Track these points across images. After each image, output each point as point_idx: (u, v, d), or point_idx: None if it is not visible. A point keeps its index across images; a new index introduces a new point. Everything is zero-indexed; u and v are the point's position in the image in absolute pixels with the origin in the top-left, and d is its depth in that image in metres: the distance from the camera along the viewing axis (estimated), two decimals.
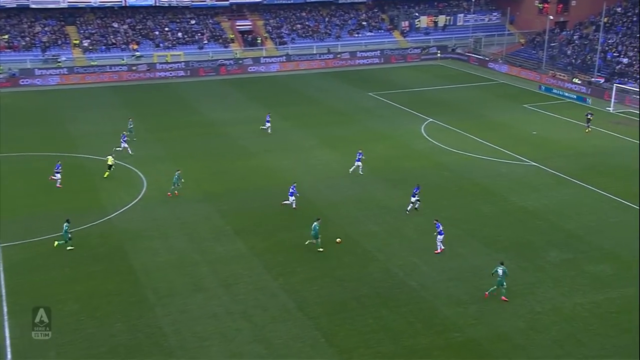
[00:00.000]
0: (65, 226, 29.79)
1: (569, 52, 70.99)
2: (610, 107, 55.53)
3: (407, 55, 78.89)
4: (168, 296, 26.28)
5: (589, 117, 49.71)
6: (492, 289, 26.23)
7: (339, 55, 76.81)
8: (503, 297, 25.98)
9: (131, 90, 63.97)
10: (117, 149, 42.62)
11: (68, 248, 29.86)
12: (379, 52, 78.22)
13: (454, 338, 23.82)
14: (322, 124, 50.99)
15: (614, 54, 66.41)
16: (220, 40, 77.07)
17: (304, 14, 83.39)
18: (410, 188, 36.87)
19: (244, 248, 30.58)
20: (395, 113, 54.98)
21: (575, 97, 59.95)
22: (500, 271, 26.03)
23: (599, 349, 23.07)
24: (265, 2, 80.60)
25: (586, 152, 44.45)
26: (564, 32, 76.08)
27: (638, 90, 57.19)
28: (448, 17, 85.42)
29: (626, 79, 61.15)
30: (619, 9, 75.34)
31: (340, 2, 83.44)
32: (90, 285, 27.06)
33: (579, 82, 63.19)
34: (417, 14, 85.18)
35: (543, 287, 26.95)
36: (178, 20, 78.27)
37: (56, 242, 30.09)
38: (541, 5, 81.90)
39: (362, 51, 78.05)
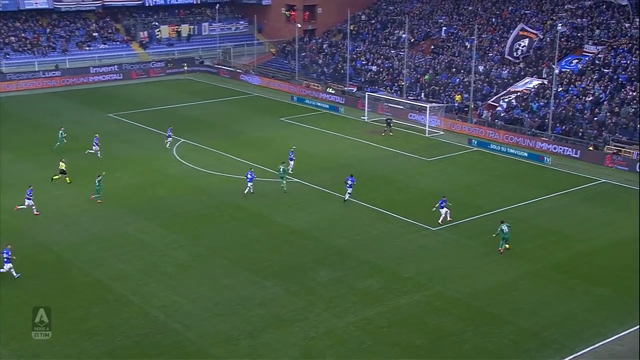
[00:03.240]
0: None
1: (320, 61, 76.33)
2: (364, 116, 60.77)
3: (149, 69, 78.19)
4: None
5: (388, 121, 55.06)
6: (503, 245, 32.92)
7: (68, 72, 73.49)
8: (506, 246, 33.04)
9: None
10: (89, 151, 47.47)
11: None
12: (116, 66, 76.54)
13: None
14: (56, 153, 48.24)
15: (363, 62, 72.97)
16: None
17: (18, 24, 78.04)
18: (165, 218, 36.51)
19: None
20: (142, 135, 54.06)
21: (328, 106, 64.60)
22: (505, 228, 32.80)
23: None
24: None
25: (345, 163, 47.99)
26: (314, 41, 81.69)
27: (389, 98, 63.47)
28: (192, 27, 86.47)
29: (377, 87, 67.50)
30: (363, 17, 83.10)
31: (63, 10, 79.72)
32: None
33: (333, 91, 68.21)
34: (156, 23, 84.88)
35: (315, 310, 28.41)
36: None
37: None
38: (288, 12, 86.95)
39: (96, 67, 75.74)
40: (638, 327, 27.29)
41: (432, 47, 72.43)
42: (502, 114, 56.78)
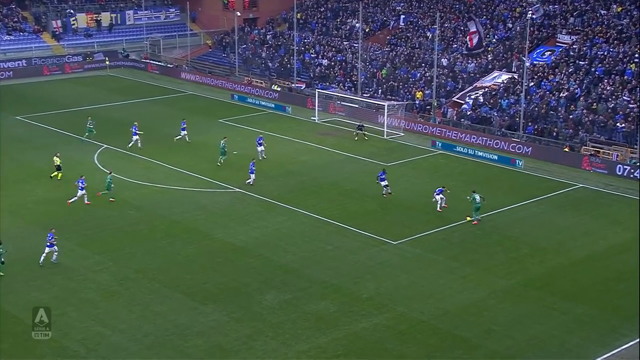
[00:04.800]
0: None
1: (263, 54, 76.35)
2: (315, 116, 60.98)
3: (64, 64, 77.48)
4: None
5: (360, 126, 55.64)
6: (477, 216, 37.99)
7: None
8: (468, 218, 38.06)
9: None
10: (178, 137, 52.65)
11: None
12: (24, 61, 75.69)
13: None
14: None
15: (312, 55, 73.26)
16: None
17: None
18: (86, 236, 35.95)
19: None
20: (57, 141, 53.23)
21: (273, 106, 64.60)
22: (477, 198, 37.57)
23: None
24: None
25: (295, 170, 48.12)
26: (256, 31, 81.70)
27: (342, 95, 63.76)
28: (114, 15, 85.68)
29: (328, 83, 67.81)
30: (311, 3, 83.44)
31: None
32: None
33: (279, 89, 68.28)
34: (71, 11, 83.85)
35: (262, 339, 28.32)
36: None
37: None
38: None
39: (1, 61, 74.65)
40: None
41: (390, 37, 73.21)
42: (469, 113, 57.73)
